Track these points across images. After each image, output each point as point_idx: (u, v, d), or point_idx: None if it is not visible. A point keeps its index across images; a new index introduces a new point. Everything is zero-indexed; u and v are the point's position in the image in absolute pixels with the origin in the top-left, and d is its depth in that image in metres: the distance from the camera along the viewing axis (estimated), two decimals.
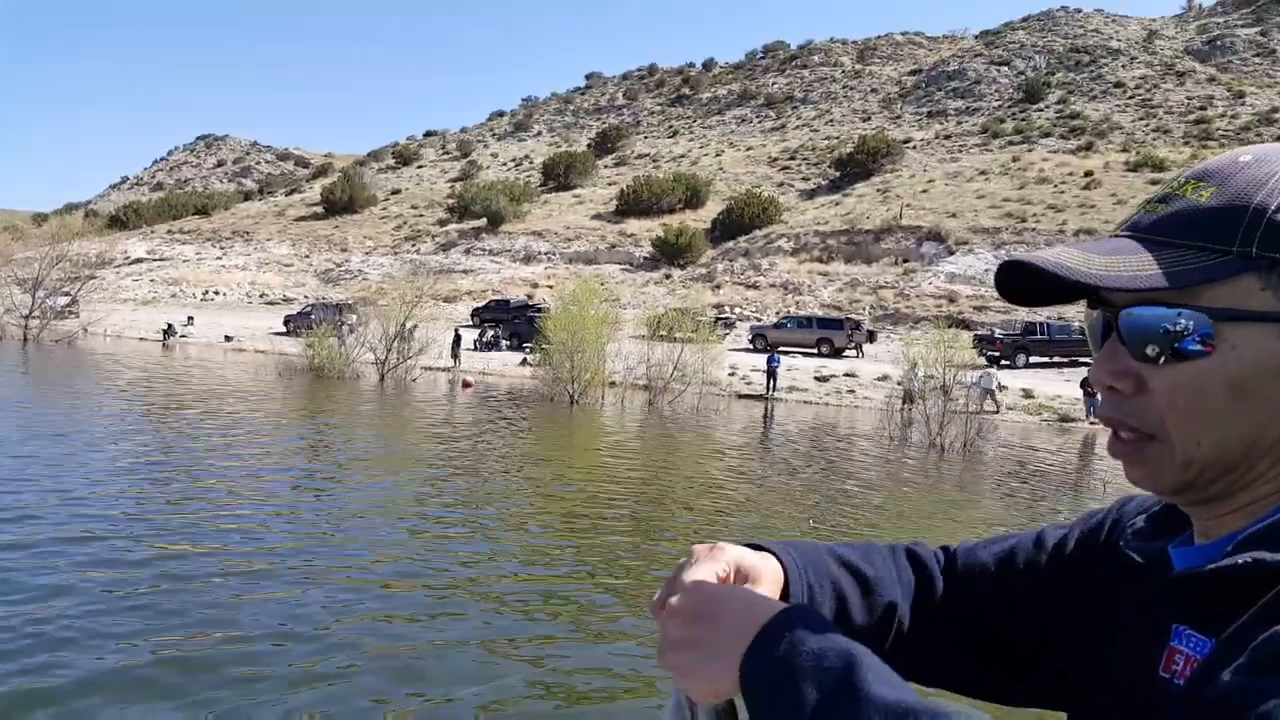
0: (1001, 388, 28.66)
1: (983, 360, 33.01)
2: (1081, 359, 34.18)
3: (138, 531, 8.08)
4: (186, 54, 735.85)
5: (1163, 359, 0.73)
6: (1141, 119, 67.78)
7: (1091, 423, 25.86)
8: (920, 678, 1.02)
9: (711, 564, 0.87)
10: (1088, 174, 53.31)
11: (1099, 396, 0.77)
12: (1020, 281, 0.81)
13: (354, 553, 8.00)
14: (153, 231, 77.84)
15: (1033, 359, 35.60)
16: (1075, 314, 38.42)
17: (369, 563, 7.70)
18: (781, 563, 0.94)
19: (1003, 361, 34.52)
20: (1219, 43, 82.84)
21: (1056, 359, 35.53)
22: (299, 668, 5.35)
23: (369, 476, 12.17)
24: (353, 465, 13.00)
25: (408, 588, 7.07)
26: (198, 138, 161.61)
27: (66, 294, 41.93)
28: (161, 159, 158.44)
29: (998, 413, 27.54)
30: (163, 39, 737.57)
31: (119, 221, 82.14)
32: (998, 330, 37.58)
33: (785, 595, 0.92)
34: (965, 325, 36.49)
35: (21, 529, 7.80)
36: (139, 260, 68.46)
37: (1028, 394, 29.64)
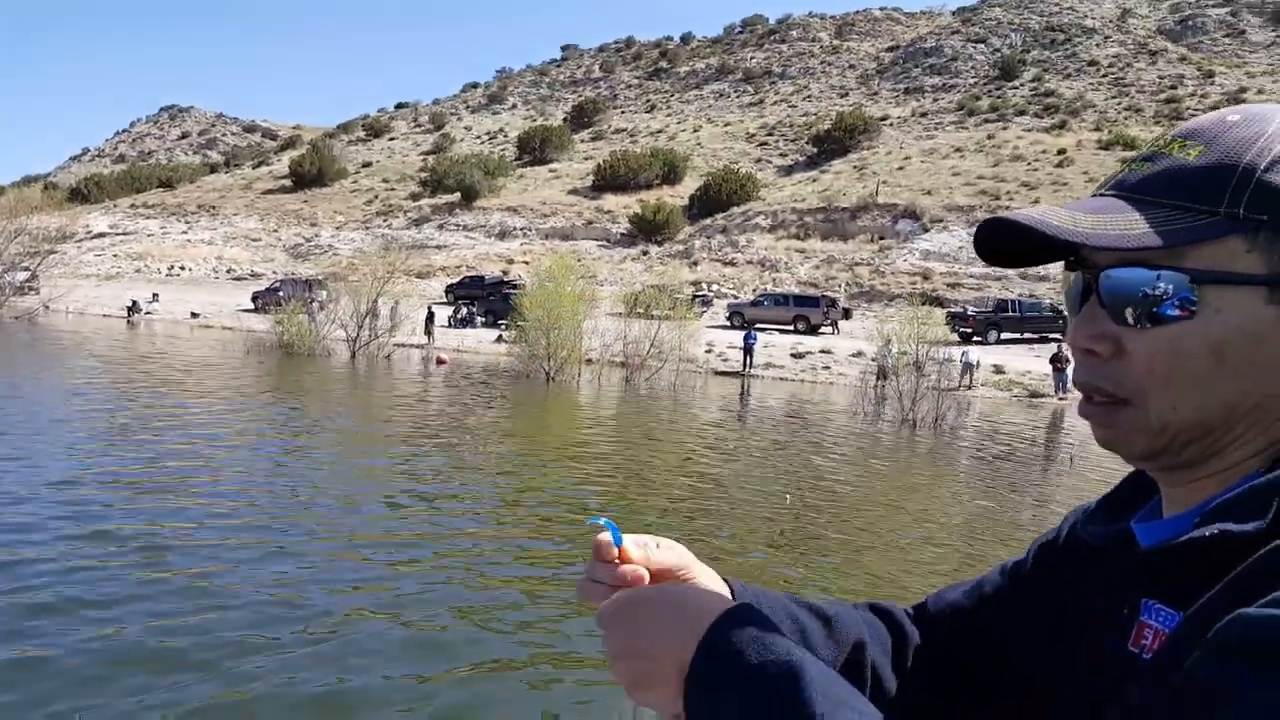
0: (975, 364, 28.79)
1: (955, 337, 33.20)
2: (1051, 335, 34.51)
3: (104, 509, 7.81)
4: (148, 22, 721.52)
5: (1142, 323, 0.72)
6: (1114, 97, 68.15)
7: (1060, 398, 26.03)
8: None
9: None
10: (1061, 152, 53.56)
11: (1069, 369, 0.78)
12: (1002, 239, 0.80)
13: (328, 529, 7.79)
14: (115, 205, 76.22)
15: (1004, 335, 35.81)
16: (1046, 291, 38.69)
17: (345, 538, 7.48)
18: (729, 585, 0.91)
19: (975, 338, 34.68)
20: (1190, 22, 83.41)
21: (1027, 335, 35.83)
22: (274, 639, 5.15)
23: (341, 455, 11.92)
24: (324, 443, 12.74)
25: (380, 561, 6.88)
26: (161, 109, 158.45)
27: (26, 269, 40.94)
28: (124, 130, 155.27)
29: (970, 388, 27.65)
30: (123, 5, 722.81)
31: (80, 194, 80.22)
32: (970, 307, 37.78)
33: None
34: (939, 302, 36.64)
35: None
36: (101, 235, 67.08)
37: (999, 369, 29.80)
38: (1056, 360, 26.31)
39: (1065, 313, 0.84)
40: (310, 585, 6.47)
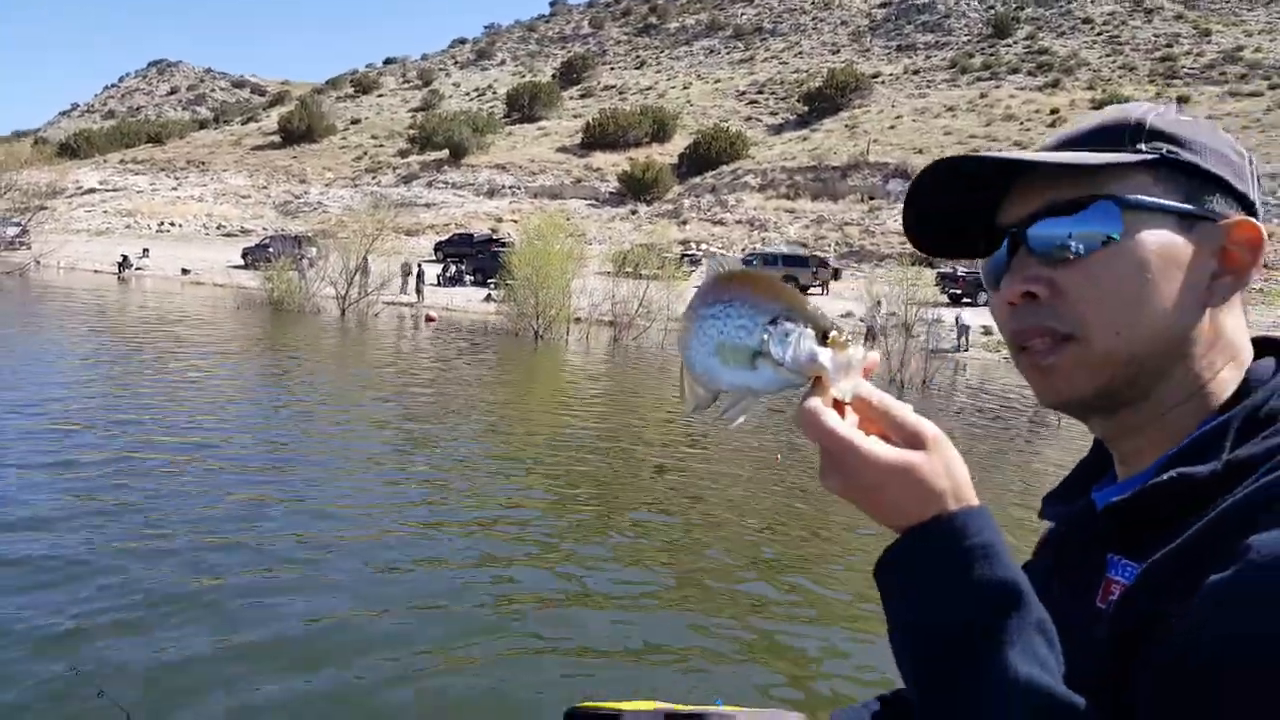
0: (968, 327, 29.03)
1: (944, 298, 33.36)
2: None
3: (96, 469, 7.98)
4: None
5: (1077, 253, 0.77)
6: (1108, 55, 67.70)
7: None
8: None
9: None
10: (1054, 111, 53.34)
11: (1010, 320, 0.79)
12: (935, 199, 0.86)
13: (315, 489, 7.98)
14: (105, 161, 75.55)
15: None
16: None
17: (331, 501, 7.68)
18: None
19: (964, 299, 34.82)
20: None
21: None
22: (259, 605, 5.36)
23: (330, 413, 12.08)
24: (314, 401, 12.90)
25: (368, 523, 7.08)
26: (150, 64, 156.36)
27: (17, 224, 40.74)
28: (112, 85, 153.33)
29: (963, 350, 27.90)
30: None
31: (70, 150, 79.43)
32: (960, 268, 37.84)
33: None
34: (929, 263, 36.69)
35: None
36: (91, 190, 66.56)
37: (987, 331, 29.99)
38: None
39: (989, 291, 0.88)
40: (300, 547, 6.67)
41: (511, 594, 5.95)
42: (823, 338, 0.66)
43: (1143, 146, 0.78)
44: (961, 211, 0.87)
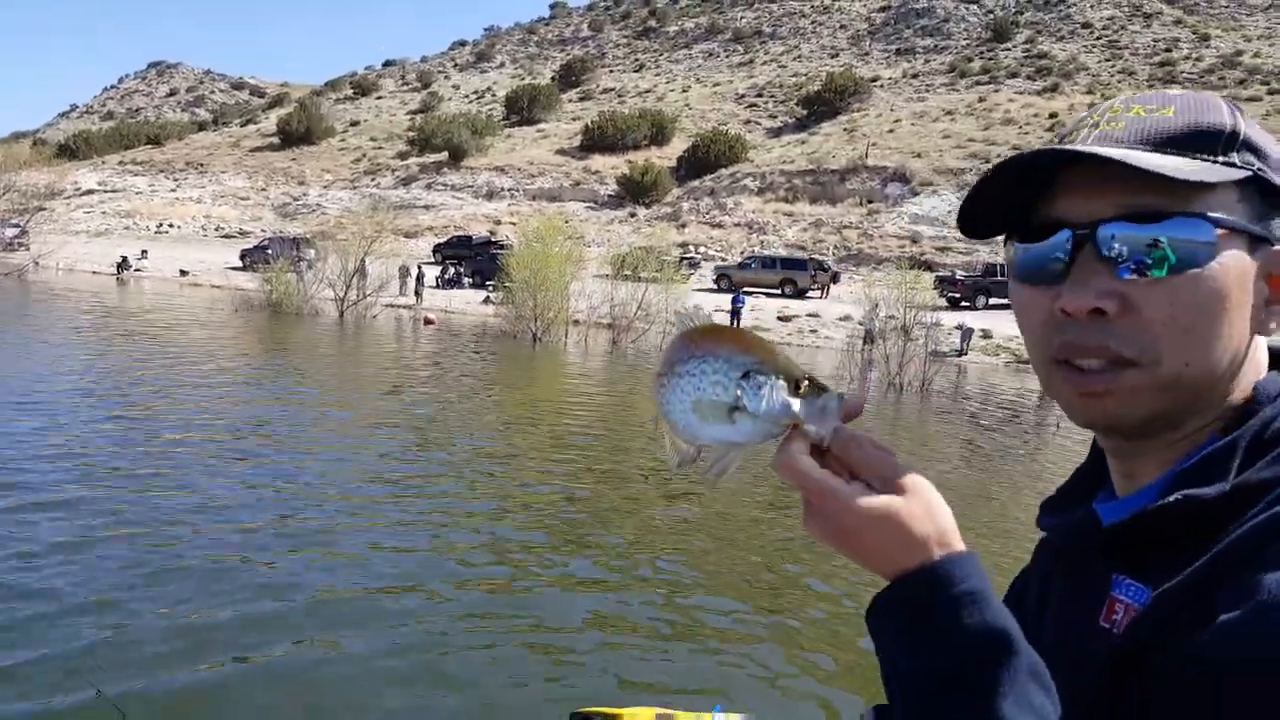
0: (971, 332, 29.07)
1: (943, 301, 33.37)
2: None
3: (92, 469, 7.96)
4: None
5: (1162, 272, 0.70)
6: (1108, 60, 67.75)
7: None
8: None
9: None
10: (1052, 115, 53.37)
11: (1056, 330, 0.72)
12: (1006, 188, 0.77)
13: (312, 492, 7.96)
14: (104, 162, 75.46)
15: (993, 300, 35.96)
16: None
17: (328, 503, 7.66)
18: None
19: (963, 303, 34.84)
20: None
21: None
22: (258, 605, 5.34)
23: (327, 414, 12.06)
24: (312, 402, 12.87)
25: (364, 524, 7.06)
26: (149, 65, 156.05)
27: (16, 225, 40.71)
28: (112, 87, 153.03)
29: (963, 354, 27.91)
30: None
31: (68, 151, 79.36)
32: (959, 272, 37.87)
33: None
34: (927, 266, 36.70)
35: None
36: (90, 191, 66.48)
37: (986, 335, 30.00)
38: None
39: (1011, 283, 0.81)
40: (297, 550, 6.65)
41: (511, 597, 5.93)
42: (795, 387, 0.66)
43: (1236, 160, 0.71)
44: (1003, 195, 0.79)
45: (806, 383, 0.67)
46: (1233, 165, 0.71)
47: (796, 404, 0.67)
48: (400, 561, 6.34)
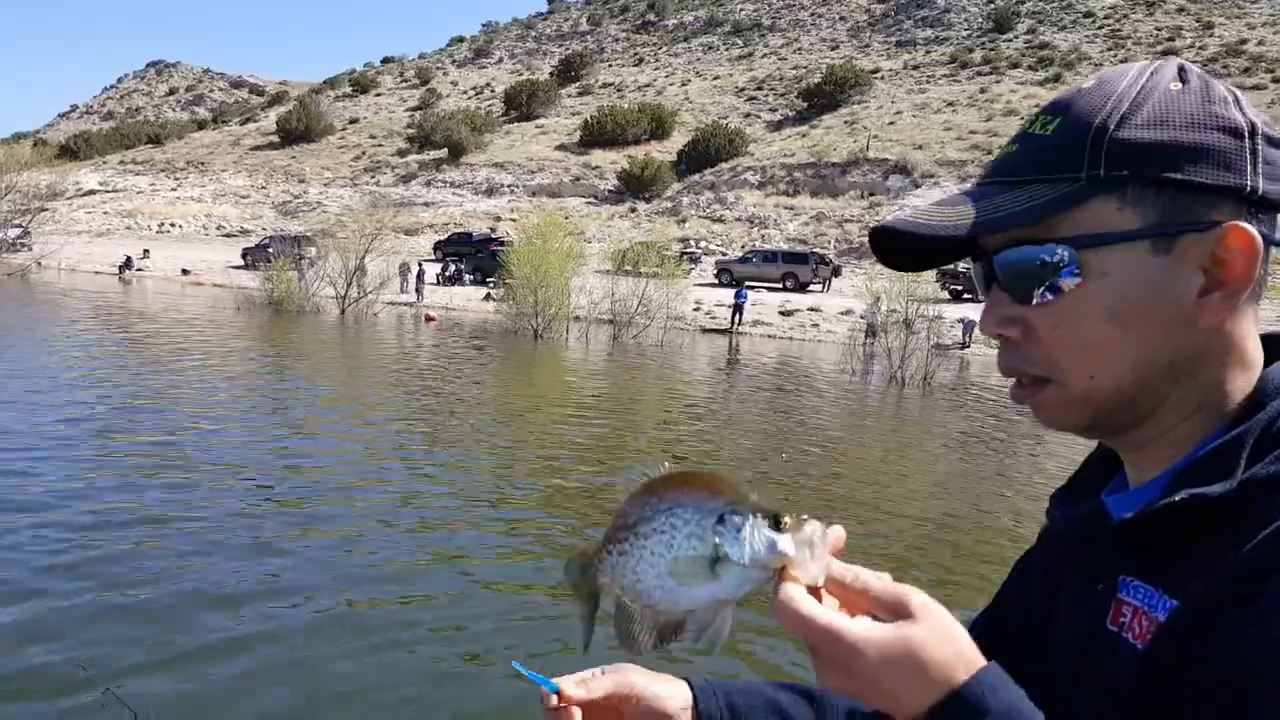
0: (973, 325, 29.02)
1: (945, 294, 33.27)
2: None
3: (99, 467, 7.94)
4: None
5: (1039, 298, 0.72)
6: (1110, 49, 67.52)
7: None
8: None
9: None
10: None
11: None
12: (893, 246, 0.79)
13: (319, 485, 7.94)
14: (105, 162, 75.59)
15: None
16: None
17: (330, 497, 7.63)
18: (689, 683, 0.91)
19: (965, 295, 34.73)
20: None
21: None
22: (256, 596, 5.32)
23: (333, 412, 12.04)
24: (314, 398, 12.85)
25: (371, 520, 7.03)
26: (148, 64, 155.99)
27: (18, 226, 40.76)
28: (111, 86, 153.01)
29: (965, 347, 27.86)
30: None
31: (69, 151, 79.47)
32: (962, 265, 37.66)
33: None
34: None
35: None
36: (91, 192, 66.60)
37: None
38: None
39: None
40: (303, 543, 6.63)
41: (515, 587, 5.91)
42: (775, 523, 0.61)
43: (1101, 172, 0.69)
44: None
45: (788, 517, 0.62)
46: (1095, 180, 0.69)
47: (785, 541, 0.61)
48: (404, 554, 6.31)
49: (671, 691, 0.88)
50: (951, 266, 33.43)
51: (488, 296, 32.29)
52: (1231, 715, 0.59)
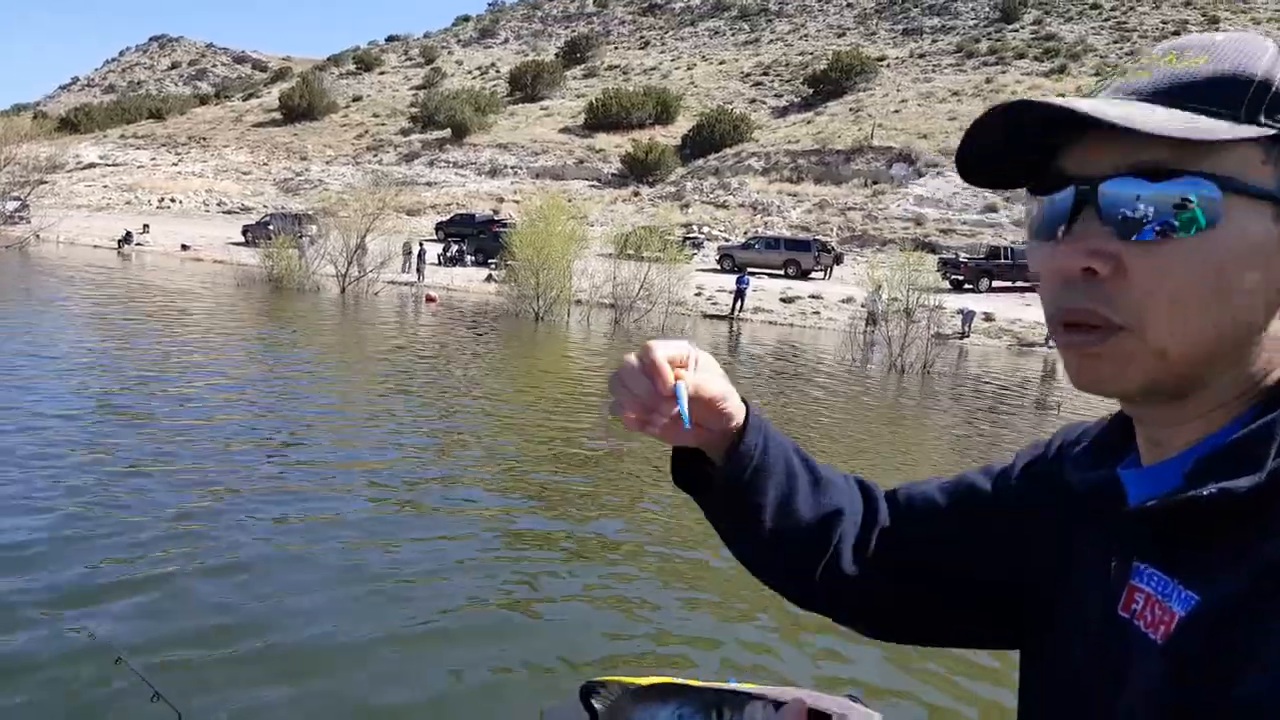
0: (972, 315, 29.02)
1: (946, 284, 33.27)
2: None
3: (100, 440, 7.96)
4: None
5: (1155, 234, 0.65)
6: (1115, 42, 67.24)
7: (1050, 346, 26.18)
8: (845, 615, 1.00)
9: (674, 345, 0.88)
10: (1059, 97, 52.98)
11: (1061, 289, 0.69)
12: (992, 138, 0.74)
13: (315, 467, 7.96)
14: (105, 135, 75.32)
15: (995, 283, 35.84)
16: None
17: (331, 476, 7.66)
18: (747, 406, 0.93)
19: (966, 285, 34.73)
20: None
21: (1019, 284, 35.82)
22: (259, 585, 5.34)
23: (330, 392, 12.05)
24: (314, 380, 12.86)
25: (367, 501, 7.06)
26: (150, 38, 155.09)
27: (16, 199, 40.58)
28: (113, 60, 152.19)
29: (965, 337, 27.87)
30: None
31: (70, 124, 79.17)
32: (962, 254, 37.74)
33: (737, 442, 0.91)
34: (931, 248, 36.58)
35: None
36: (92, 165, 66.37)
37: (989, 318, 29.93)
38: None
39: (1027, 240, 0.77)
40: (300, 527, 6.65)
41: (519, 567, 5.94)
42: (718, 714, 0.66)
43: (1263, 119, 0.64)
44: (1015, 141, 0.74)
45: (726, 706, 0.65)
46: (1256, 123, 0.64)
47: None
48: (407, 534, 6.34)
49: (738, 407, 0.92)
50: (953, 255, 33.49)
51: (489, 278, 32.24)
52: (1255, 714, 0.58)
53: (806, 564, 0.95)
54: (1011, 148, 0.74)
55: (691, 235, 42.65)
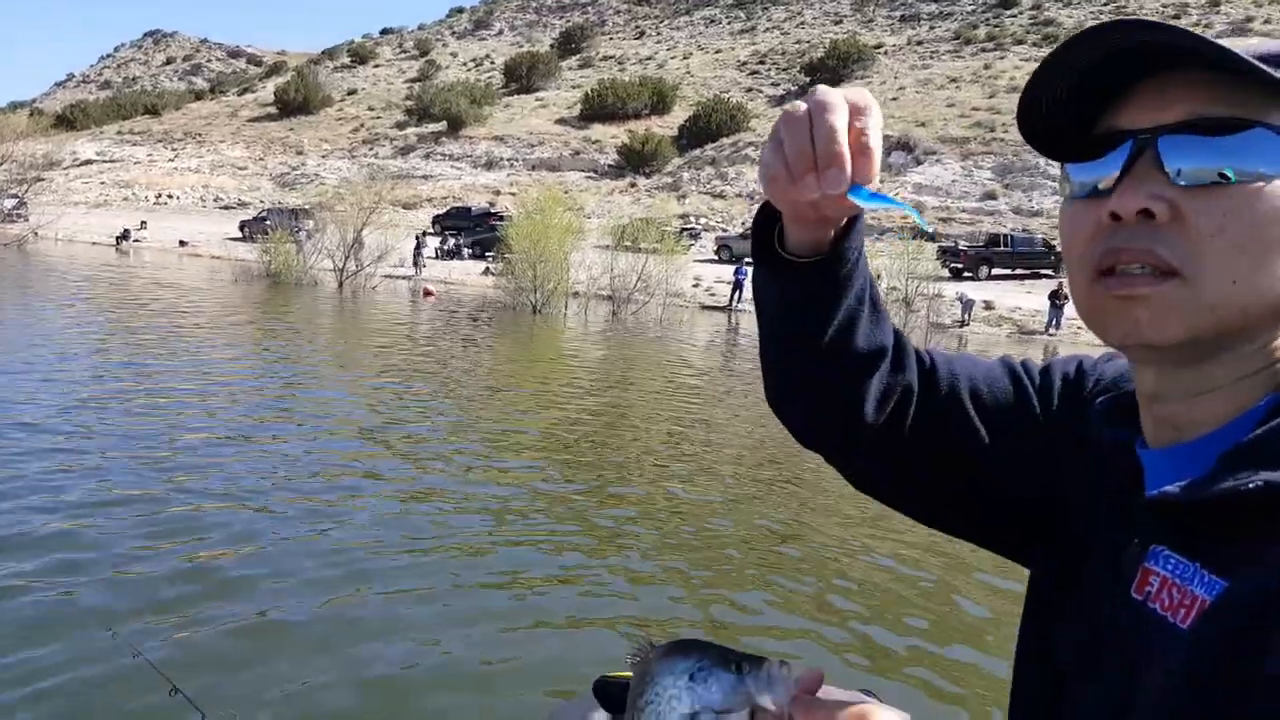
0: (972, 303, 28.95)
1: (945, 272, 33.18)
2: (1043, 272, 34.38)
3: (96, 440, 7.91)
4: None
5: (1216, 181, 0.65)
6: None
7: (1051, 334, 26.14)
8: (876, 488, 1.00)
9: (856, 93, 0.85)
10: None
11: (1067, 305, 0.69)
12: (1067, 78, 0.73)
13: (310, 465, 7.91)
14: (102, 132, 75.22)
15: (996, 271, 35.74)
16: (1039, 226, 38.52)
17: (326, 476, 7.61)
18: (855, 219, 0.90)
19: (966, 273, 34.64)
20: None
21: (1019, 271, 35.73)
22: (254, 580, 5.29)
23: (327, 386, 12.00)
24: (312, 374, 12.80)
25: (361, 502, 7.01)
26: (145, 34, 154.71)
27: (14, 196, 40.56)
28: (108, 56, 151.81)
29: (964, 325, 27.80)
30: None
31: (66, 121, 79.04)
32: (962, 242, 37.64)
33: (842, 236, 0.89)
34: (930, 237, 36.46)
35: None
36: (88, 162, 66.30)
37: (989, 306, 29.86)
38: (1056, 296, 25.81)
39: (1063, 206, 0.77)
40: (293, 527, 6.60)
41: (523, 563, 5.90)
42: (737, 668, 0.69)
43: None
44: (1070, 102, 0.74)
45: (745, 663, 0.69)
46: None
47: (744, 682, 0.69)
48: (413, 529, 6.29)
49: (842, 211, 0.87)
50: (952, 244, 33.24)
51: (486, 271, 32.17)
52: None
53: (846, 395, 0.93)
54: (1080, 94, 0.73)
55: (689, 226, 42.54)
